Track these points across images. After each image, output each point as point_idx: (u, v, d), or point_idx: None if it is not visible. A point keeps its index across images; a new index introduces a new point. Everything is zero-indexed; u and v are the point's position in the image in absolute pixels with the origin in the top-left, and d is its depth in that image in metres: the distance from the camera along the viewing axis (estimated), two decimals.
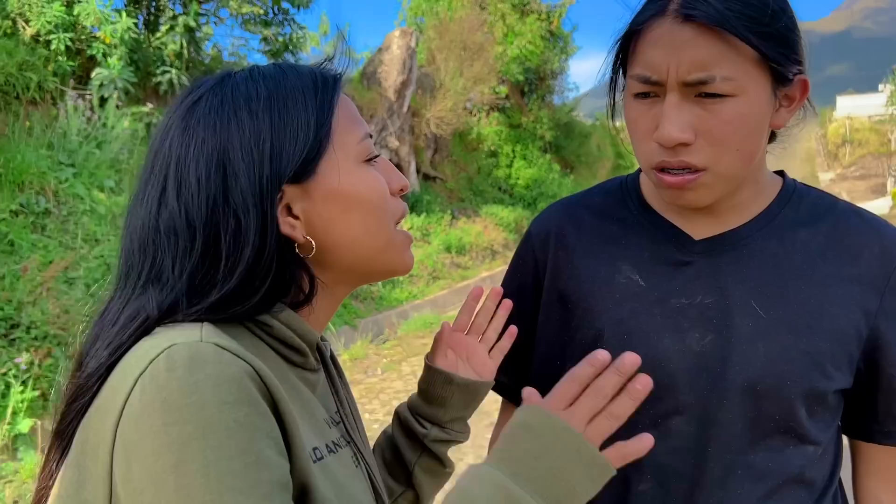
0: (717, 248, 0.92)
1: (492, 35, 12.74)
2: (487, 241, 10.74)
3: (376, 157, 0.78)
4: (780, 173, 0.99)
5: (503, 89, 13.05)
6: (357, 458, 0.78)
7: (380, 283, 7.75)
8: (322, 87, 0.75)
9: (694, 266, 0.92)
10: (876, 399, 0.93)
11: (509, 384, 1.06)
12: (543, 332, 1.03)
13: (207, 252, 0.69)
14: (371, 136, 0.79)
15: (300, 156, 0.71)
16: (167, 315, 0.67)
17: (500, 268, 10.30)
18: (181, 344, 0.61)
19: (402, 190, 0.80)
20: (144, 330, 0.67)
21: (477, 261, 10.19)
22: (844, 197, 1.02)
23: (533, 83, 14.55)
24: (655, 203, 0.98)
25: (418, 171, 11.08)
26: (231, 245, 0.69)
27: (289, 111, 0.72)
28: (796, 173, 1.03)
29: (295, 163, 0.71)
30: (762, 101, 0.83)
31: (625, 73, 0.90)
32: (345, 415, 0.80)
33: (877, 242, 0.92)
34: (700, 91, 0.81)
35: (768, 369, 0.87)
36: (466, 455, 4.06)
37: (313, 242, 0.73)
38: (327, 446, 0.73)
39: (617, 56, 0.90)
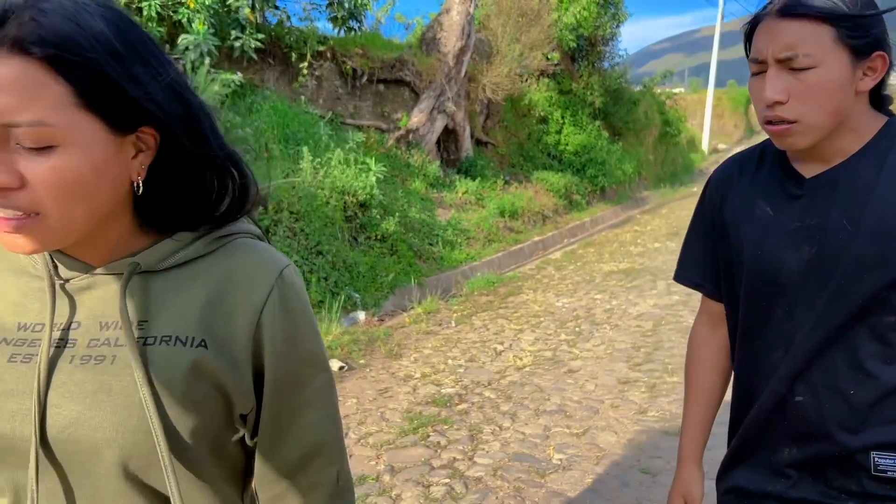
0: (821, 184, 1.20)
1: (548, 2, 12.75)
2: (539, 206, 10.95)
3: None
4: (890, 113, 1.23)
5: (556, 55, 13.10)
6: (28, 358, 0.79)
7: (440, 244, 8.08)
8: None
9: (805, 198, 1.22)
10: None
11: (705, 285, 1.45)
12: (721, 249, 1.38)
13: None
14: None
15: None
16: None
17: (551, 232, 10.52)
18: None
19: None
20: None
21: (529, 225, 10.43)
22: None
23: (584, 49, 14.54)
24: (789, 154, 1.27)
25: (472, 137, 11.30)
26: None
27: None
28: None
29: None
30: (841, 70, 1.11)
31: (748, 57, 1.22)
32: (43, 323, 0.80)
33: None
34: (790, 65, 1.12)
35: (854, 271, 1.14)
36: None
37: None
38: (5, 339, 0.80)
39: (745, 45, 1.23)
